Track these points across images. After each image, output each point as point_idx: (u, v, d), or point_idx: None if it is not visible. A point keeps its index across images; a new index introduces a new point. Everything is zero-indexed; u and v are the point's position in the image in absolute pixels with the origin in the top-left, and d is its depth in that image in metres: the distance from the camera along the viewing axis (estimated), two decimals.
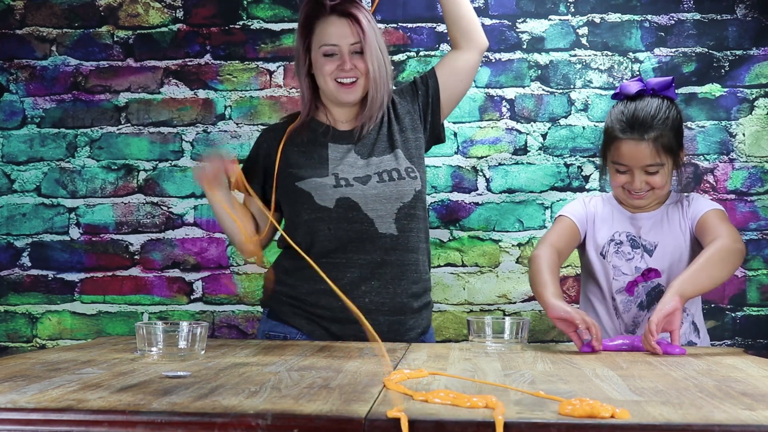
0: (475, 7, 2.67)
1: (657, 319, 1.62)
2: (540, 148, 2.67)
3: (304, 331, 1.90)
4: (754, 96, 2.63)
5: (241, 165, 1.99)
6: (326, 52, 1.88)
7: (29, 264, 2.73)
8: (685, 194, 2.00)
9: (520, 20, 2.68)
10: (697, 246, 1.91)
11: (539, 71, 2.68)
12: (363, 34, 1.86)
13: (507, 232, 2.66)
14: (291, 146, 1.97)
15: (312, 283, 1.87)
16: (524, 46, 2.68)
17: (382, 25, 2.70)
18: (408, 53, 2.70)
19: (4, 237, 2.73)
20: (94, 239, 2.72)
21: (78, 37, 2.75)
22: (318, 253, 1.88)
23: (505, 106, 2.68)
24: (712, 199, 2.60)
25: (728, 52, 2.64)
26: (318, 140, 1.96)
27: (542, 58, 2.68)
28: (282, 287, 1.94)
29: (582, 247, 2.02)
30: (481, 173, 2.67)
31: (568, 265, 2.62)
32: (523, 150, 2.67)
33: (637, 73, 2.65)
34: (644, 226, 1.96)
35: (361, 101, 1.95)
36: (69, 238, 2.72)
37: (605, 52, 2.67)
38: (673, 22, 2.66)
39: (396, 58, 2.69)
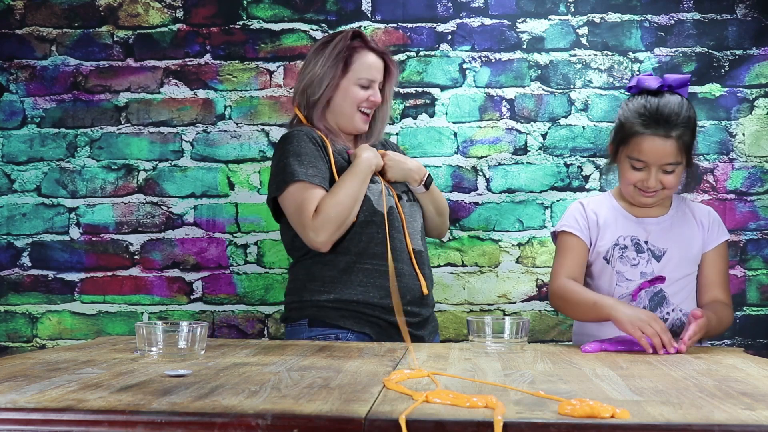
0: (474, 7, 2.69)
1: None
2: (540, 148, 2.67)
3: (354, 330, 1.95)
4: (754, 96, 2.63)
5: (304, 161, 1.97)
6: (363, 84, 2.05)
7: (29, 264, 2.73)
8: (701, 209, 1.98)
9: (520, 20, 2.68)
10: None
11: (539, 71, 2.68)
12: (388, 72, 2.10)
13: (507, 232, 2.66)
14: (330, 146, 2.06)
15: (364, 290, 1.96)
16: (524, 46, 2.68)
17: (382, 25, 2.70)
18: (408, 53, 2.70)
19: (4, 237, 2.73)
20: (94, 239, 2.72)
21: (78, 37, 2.75)
22: (364, 255, 1.96)
23: (505, 106, 2.68)
24: (711, 200, 2.61)
25: (728, 52, 2.64)
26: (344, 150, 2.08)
27: (542, 58, 2.68)
28: (332, 294, 1.96)
29: None
30: (481, 173, 2.67)
31: None
32: (523, 150, 2.67)
33: (637, 72, 2.65)
34: (652, 231, 1.91)
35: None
36: (69, 238, 2.72)
37: (605, 52, 2.67)
38: (673, 22, 2.66)
39: (396, 58, 2.69)
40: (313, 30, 2.71)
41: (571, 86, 2.67)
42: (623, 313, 1.70)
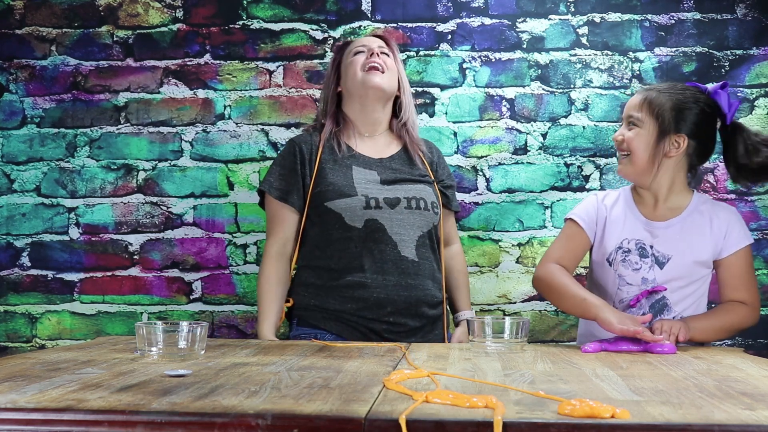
0: (474, 7, 2.69)
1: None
2: (540, 148, 2.66)
3: (333, 332, 1.99)
4: (754, 96, 2.63)
5: (277, 172, 2.10)
6: (357, 52, 2.12)
7: (29, 264, 2.72)
8: (722, 214, 1.90)
9: (520, 20, 2.68)
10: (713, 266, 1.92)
11: (539, 71, 2.67)
12: (389, 44, 2.16)
13: (507, 232, 2.66)
14: (322, 163, 2.07)
15: (343, 301, 1.99)
16: (524, 46, 2.68)
17: (381, 25, 2.70)
18: (408, 53, 2.70)
19: (4, 237, 2.73)
20: (93, 239, 2.72)
21: (78, 37, 2.75)
22: (346, 270, 1.99)
23: (505, 106, 2.68)
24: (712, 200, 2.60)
25: (728, 52, 2.64)
26: (344, 161, 2.08)
27: (542, 58, 2.68)
28: (313, 300, 2.03)
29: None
30: (481, 173, 2.67)
31: None
32: (523, 150, 2.67)
33: (637, 72, 2.65)
34: (660, 236, 1.88)
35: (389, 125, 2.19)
36: (68, 238, 2.72)
37: (605, 51, 2.67)
38: (673, 21, 2.66)
39: None
40: (313, 30, 2.71)
41: (571, 86, 2.67)
42: (610, 315, 1.73)
